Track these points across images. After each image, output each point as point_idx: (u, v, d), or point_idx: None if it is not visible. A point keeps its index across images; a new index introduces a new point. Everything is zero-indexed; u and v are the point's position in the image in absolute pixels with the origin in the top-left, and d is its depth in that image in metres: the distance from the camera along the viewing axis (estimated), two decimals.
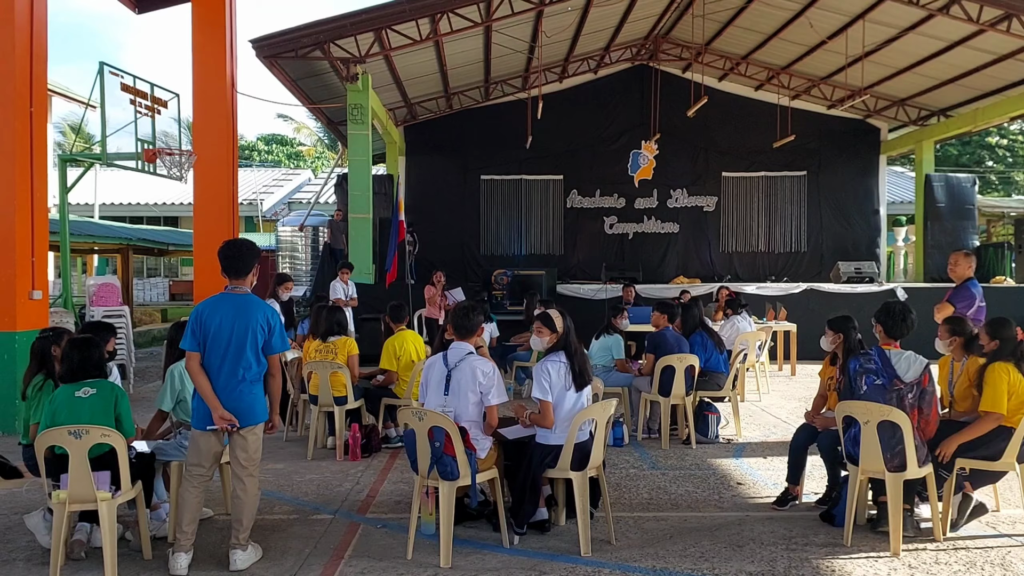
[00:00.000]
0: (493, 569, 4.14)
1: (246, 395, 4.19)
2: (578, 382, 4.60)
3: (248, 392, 4.20)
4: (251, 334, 4.17)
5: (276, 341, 4.29)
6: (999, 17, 11.86)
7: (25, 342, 7.45)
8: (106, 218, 23.30)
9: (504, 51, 14.57)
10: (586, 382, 4.64)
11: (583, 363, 4.66)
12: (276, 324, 4.30)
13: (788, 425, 7.76)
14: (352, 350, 6.87)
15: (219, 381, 4.14)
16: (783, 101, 16.79)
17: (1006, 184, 31.31)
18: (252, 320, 4.18)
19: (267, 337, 4.23)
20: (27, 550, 4.45)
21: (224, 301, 4.23)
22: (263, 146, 42.17)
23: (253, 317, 4.19)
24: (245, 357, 4.16)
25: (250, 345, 4.17)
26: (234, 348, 4.14)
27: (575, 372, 4.60)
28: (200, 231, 13.62)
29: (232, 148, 13.99)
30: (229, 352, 4.14)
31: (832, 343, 5.36)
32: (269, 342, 4.25)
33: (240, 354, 4.15)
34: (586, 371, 4.67)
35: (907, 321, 4.59)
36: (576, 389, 4.60)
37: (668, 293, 12.99)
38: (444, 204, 17.28)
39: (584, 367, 4.66)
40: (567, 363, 4.61)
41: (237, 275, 4.29)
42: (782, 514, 5.06)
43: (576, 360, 4.63)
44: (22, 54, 7.75)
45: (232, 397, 4.14)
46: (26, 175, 7.78)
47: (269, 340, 4.25)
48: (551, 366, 4.60)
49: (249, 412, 4.19)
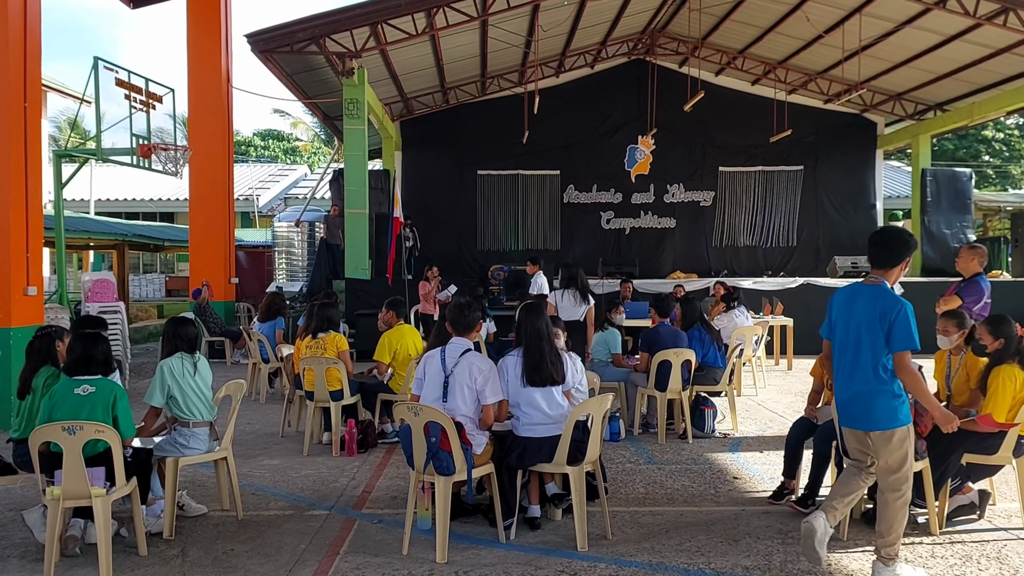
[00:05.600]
0: (489, 564, 4.13)
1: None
2: (531, 379, 4.51)
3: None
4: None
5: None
6: (996, 11, 11.86)
7: (20, 338, 7.43)
8: (101, 214, 23.25)
9: (500, 45, 14.54)
10: (543, 381, 4.52)
11: (539, 360, 4.55)
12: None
13: (784, 420, 7.76)
14: (341, 346, 6.86)
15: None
16: (780, 96, 16.77)
17: (1003, 178, 31.35)
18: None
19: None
20: (21, 546, 4.43)
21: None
22: (259, 141, 42.08)
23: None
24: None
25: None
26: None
27: (528, 368, 4.54)
28: (196, 227, 13.65)
29: (228, 143, 14.00)
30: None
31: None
32: None
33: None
34: (543, 369, 4.53)
35: None
36: (527, 385, 4.51)
37: (664, 288, 12.97)
38: (440, 199, 17.25)
39: (541, 364, 4.53)
40: (522, 360, 4.59)
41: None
42: (778, 508, 5.06)
43: (529, 357, 4.56)
44: (16, 49, 7.71)
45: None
46: (20, 170, 7.76)
47: None
48: (508, 362, 4.63)
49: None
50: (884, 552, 3.85)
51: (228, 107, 13.83)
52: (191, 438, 4.76)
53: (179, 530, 4.62)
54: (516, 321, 4.79)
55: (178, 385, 4.75)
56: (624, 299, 11.59)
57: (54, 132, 26.87)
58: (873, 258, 3.93)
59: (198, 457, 4.81)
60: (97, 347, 4.37)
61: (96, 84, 9.72)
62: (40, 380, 4.69)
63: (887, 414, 3.77)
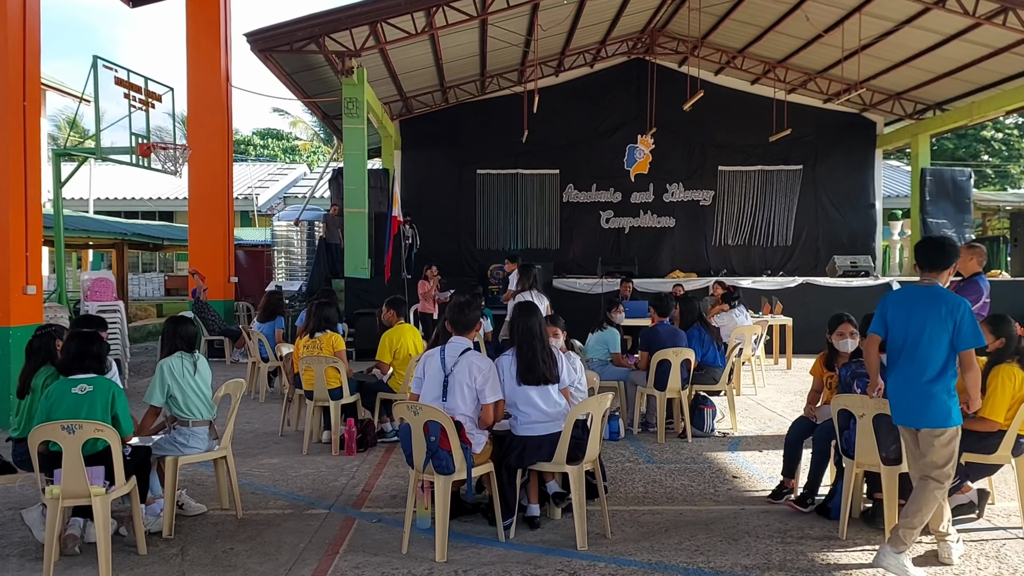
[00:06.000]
0: (488, 563, 4.13)
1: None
2: (524, 377, 4.54)
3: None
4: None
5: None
6: (995, 11, 11.86)
7: (19, 337, 7.43)
8: (101, 213, 23.24)
9: (500, 45, 14.53)
10: (537, 380, 4.54)
11: (532, 359, 4.57)
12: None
13: (784, 419, 7.76)
14: (338, 346, 6.86)
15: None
16: (779, 95, 16.77)
17: (1002, 178, 31.35)
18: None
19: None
20: (21, 545, 4.43)
21: None
22: (258, 140, 42.04)
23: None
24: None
25: None
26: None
27: (521, 367, 4.57)
28: (195, 226, 13.64)
29: (227, 142, 13.99)
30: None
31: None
32: None
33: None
34: (536, 368, 4.55)
35: None
36: (522, 384, 4.54)
37: (663, 287, 12.98)
38: (440, 198, 17.25)
39: (534, 363, 4.56)
40: (515, 359, 4.61)
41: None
42: (778, 507, 5.07)
43: (522, 356, 4.59)
44: (15, 48, 7.71)
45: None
46: (20, 169, 7.76)
47: None
48: (504, 361, 4.64)
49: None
50: (901, 534, 3.92)
51: (227, 106, 13.83)
52: (191, 437, 4.76)
53: (178, 529, 4.62)
54: (510, 320, 4.80)
55: (178, 384, 4.75)
56: (624, 298, 11.59)
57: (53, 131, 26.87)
58: (924, 262, 4.18)
59: (197, 456, 4.81)
60: (92, 345, 4.37)
61: (95, 83, 9.72)
62: (39, 380, 4.68)
63: (942, 412, 3.94)
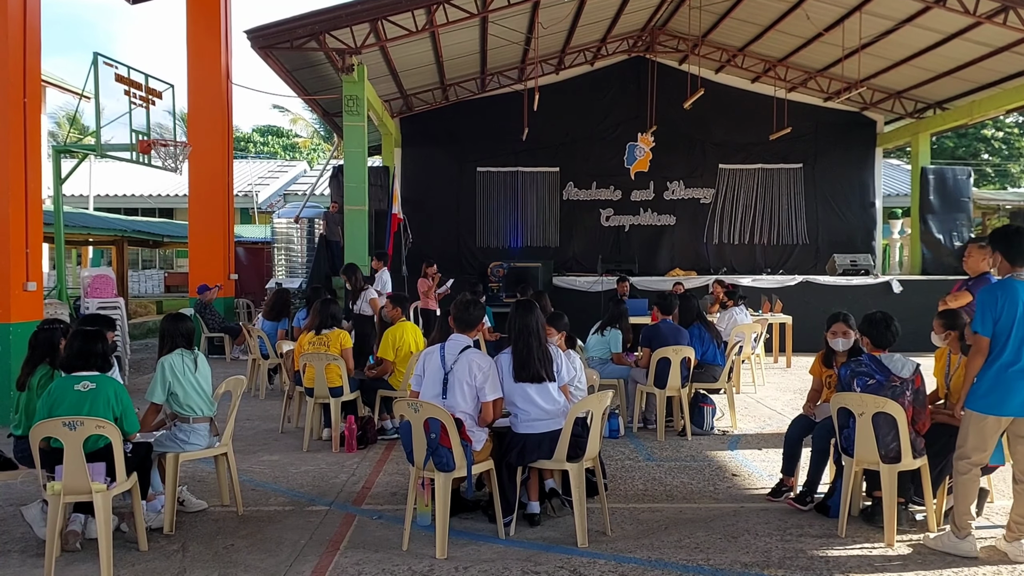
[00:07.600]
0: (488, 560, 4.14)
1: None
2: (519, 375, 4.57)
3: None
4: None
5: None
6: (995, 9, 11.85)
7: (20, 334, 7.44)
8: (101, 209, 23.21)
9: (500, 42, 14.52)
10: (532, 377, 4.56)
11: (527, 357, 4.59)
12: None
13: (783, 417, 7.78)
14: (345, 343, 6.87)
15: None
16: (779, 93, 16.76)
17: (1002, 177, 31.34)
18: None
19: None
20: (22, 542, 4.44)
21: None
22: (259, 137, 42.00)
23: None
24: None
25: None
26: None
27: (516, 364, 4.60)
28: (195, 223, 13.65)
29: (227, 139, 13.99)
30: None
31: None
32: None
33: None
34: (531, 365, 4.58)
35: (891, 328, 4.63)
36: (518, 381, 4.57)
37: (663, 285, 13.00)
38: (440, 196, 17.23)
39: (528, 360, 4.59)
40: (511, 357, 4.64)
41: None
42: (777, 505, 5.08)
43: (517, 353, 4.62)
44: (15, 44, 7.70)
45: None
46: (20, 166, 7.76)
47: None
48: (502, 359, 4.67)
49: None
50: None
51: (228, 103, 13.82)
52: (191, 434, 4.77)
53: (179, 525, 4.63)
54: (508, 318, 4.81)
55: (179, 381, 4.76)
56: (622, 296, 11.60)
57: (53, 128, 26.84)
58: (1017, 255, 4.22)
59: (198, 453, 4.82)
60: (96, 343, 4.36)
61: (96, 80, 9.71)
62: (35, 380, 4.68)
63: None
